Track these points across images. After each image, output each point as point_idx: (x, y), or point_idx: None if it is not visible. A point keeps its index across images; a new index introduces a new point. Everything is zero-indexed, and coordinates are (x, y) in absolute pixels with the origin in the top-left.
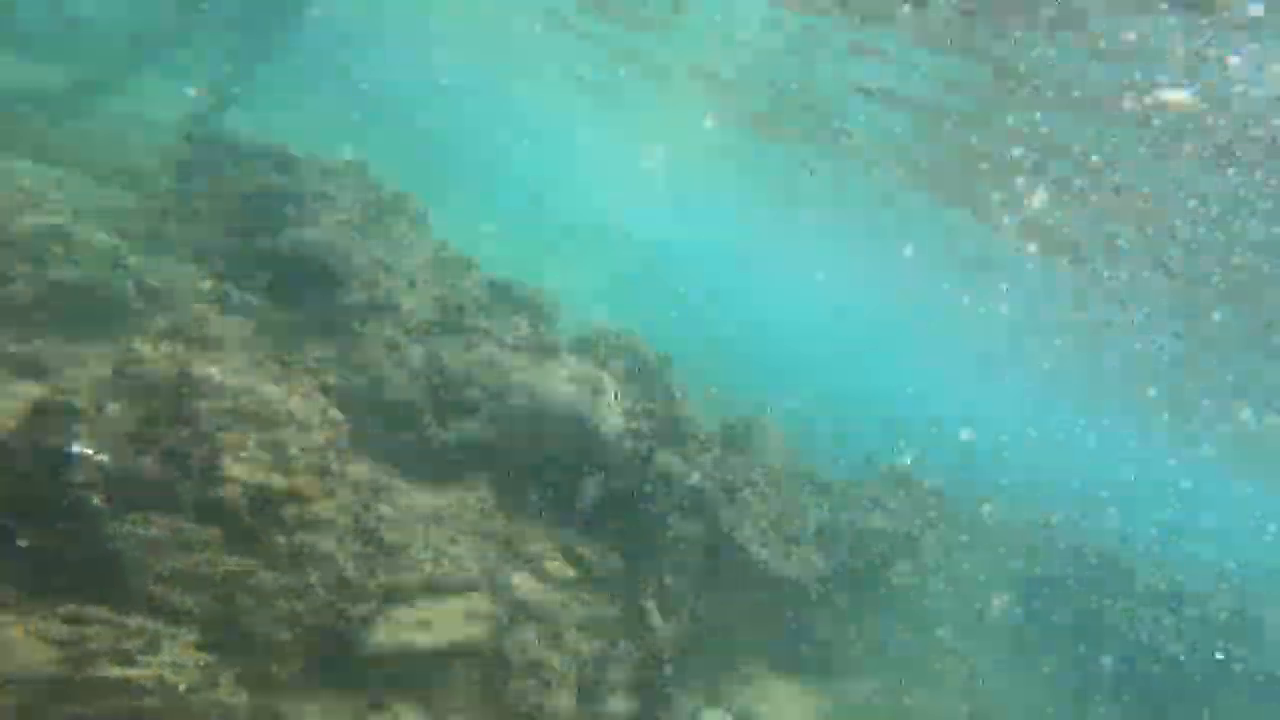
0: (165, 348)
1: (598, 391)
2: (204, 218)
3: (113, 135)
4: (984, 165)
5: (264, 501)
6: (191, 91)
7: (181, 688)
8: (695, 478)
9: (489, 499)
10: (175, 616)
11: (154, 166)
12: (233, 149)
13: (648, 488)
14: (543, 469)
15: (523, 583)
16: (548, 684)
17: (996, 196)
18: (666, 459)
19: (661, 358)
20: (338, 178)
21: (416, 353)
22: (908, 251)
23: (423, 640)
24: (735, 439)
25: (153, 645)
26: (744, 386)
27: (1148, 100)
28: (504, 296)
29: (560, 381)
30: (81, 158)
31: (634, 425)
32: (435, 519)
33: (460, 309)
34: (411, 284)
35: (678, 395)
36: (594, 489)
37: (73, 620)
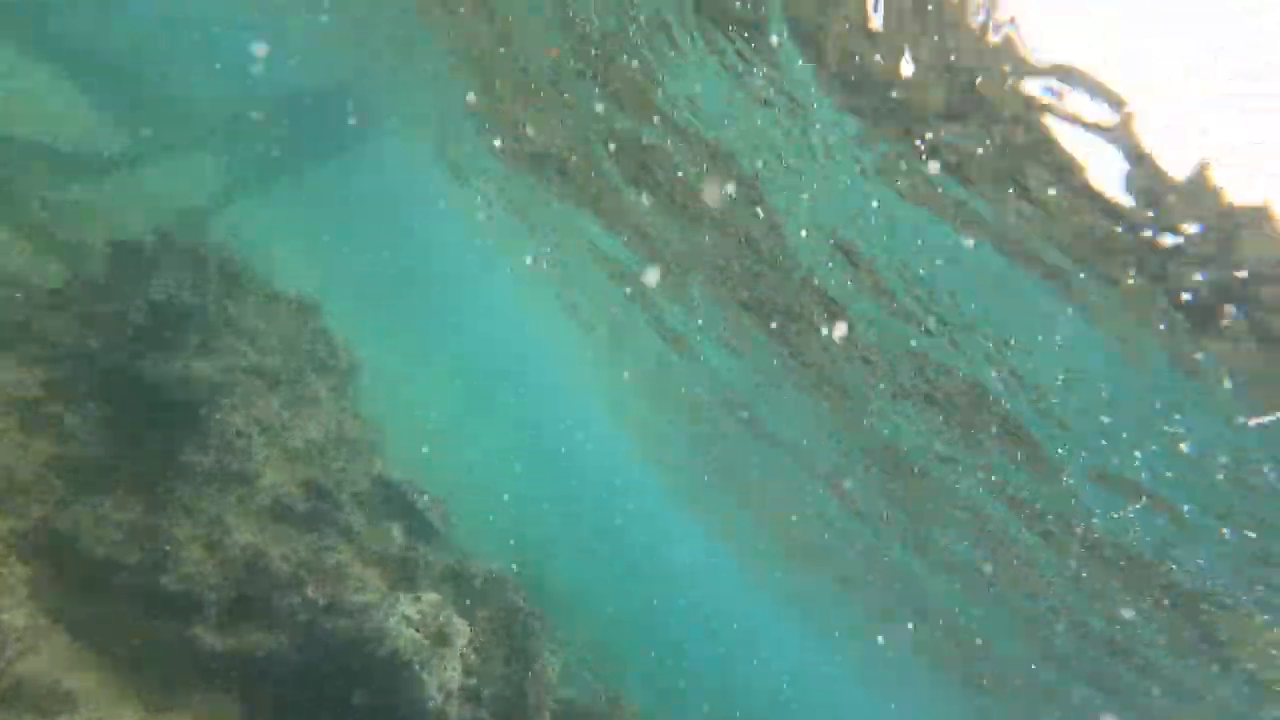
0: None
1: (441, 641)
2: (95, 319)
3: (104, 210)
4: None
5: None
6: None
7: None
8: None
9: None
10: None
11: (103, 249)
12: (188, 252)
13: None
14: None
15: None
16: None
17: None
18: None
19: (538, 616)
20: (275, 313)
21: (238, 539)
22: None
23: None
24: None
25: None
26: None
27: None
28: (393, 498)
29: (400, 618)
30: (42, 224)
31: (474, 686)
32: None
33: (328, 498)
34: (288, 457)
35: (539, 664)
36: None
37: None
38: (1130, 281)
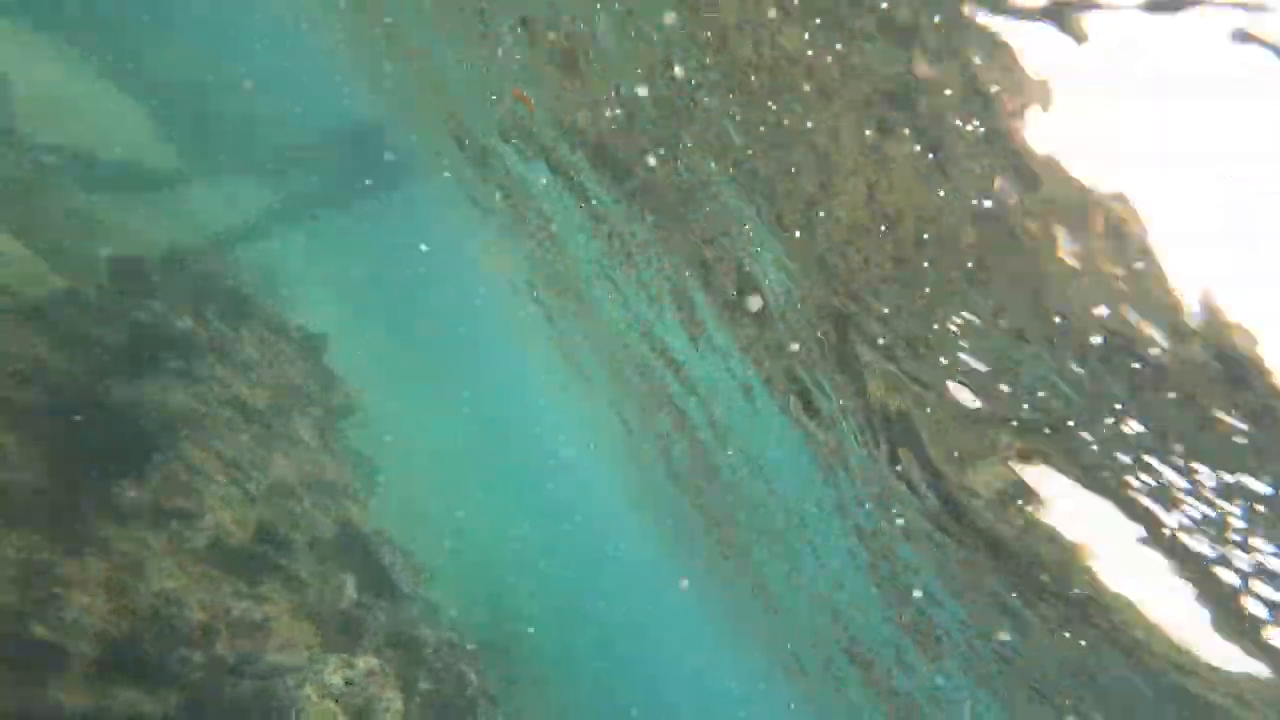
0: None
1: (364, 717)
2: (74, 337)
3: (134, 226)
4: None
5: None
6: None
7: None
8: None
9: None
10: None
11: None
12: (193, 274)
13: None
14: None
15: None
16: None
17: None
18: None
19: (486, 695)
20: (276, 347)
21: (152, 584)
22: None
23: None
24: None
25: None
26: None
27: None
28: (356, 550)
29: (319, 689)
30: (55, 235)
31: None
32: None
33: (278, 543)
34: (245, 497)
35: None
36: None
37: None
38: None
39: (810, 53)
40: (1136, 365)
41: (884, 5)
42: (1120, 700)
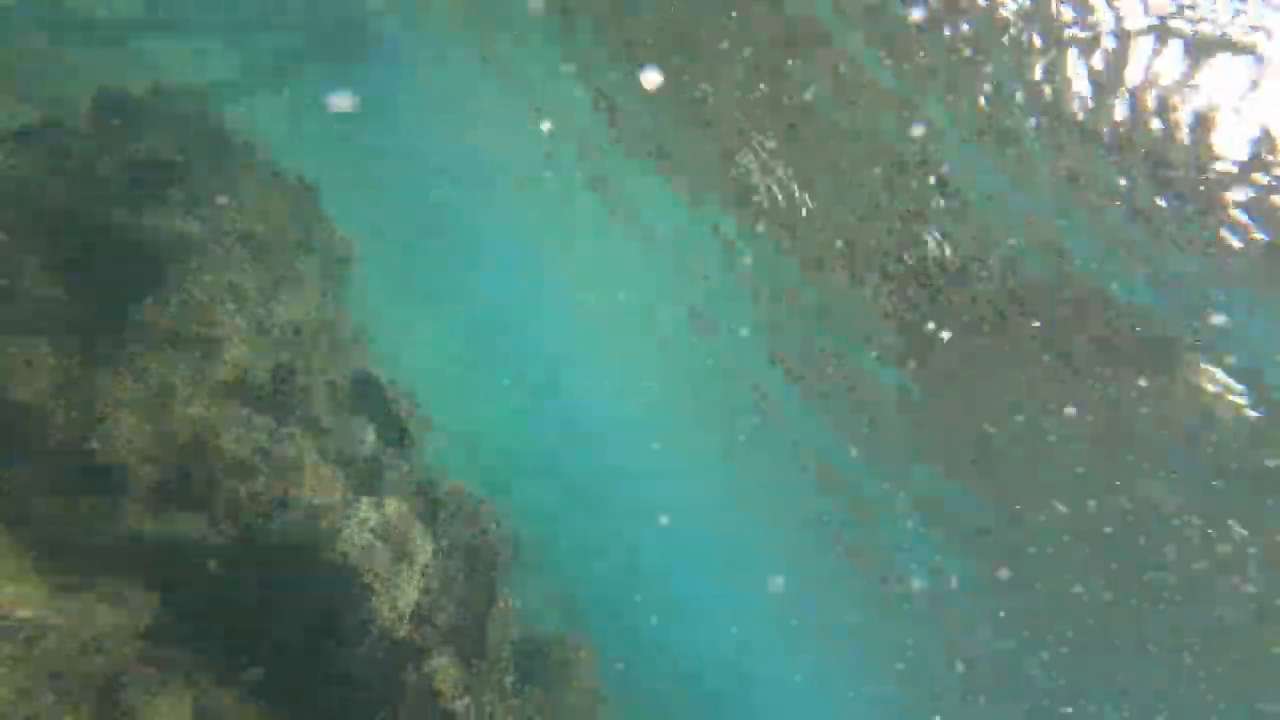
0: None
1: (401, 556)
2: (66, 167)
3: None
4: None
5: None
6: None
7: None
8: (460, 706)
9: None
10: None
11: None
12: (182, 112)
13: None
14: (265, 623)
15: None
16: None
17: None
18: (445, 668)
19: (505, 542)
20: (271, 190)
21: (188, 411)
22: None
23: None
24: (536, 671)
25: None
26: None
27: None
28: (371, 397)
29: (360, 525)
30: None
31: (429, 610)
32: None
33: (297, 385)
34: (260, 333)
35: (501, 599)
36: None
37: None
38: None
39: None
40: None
41: None
42: None
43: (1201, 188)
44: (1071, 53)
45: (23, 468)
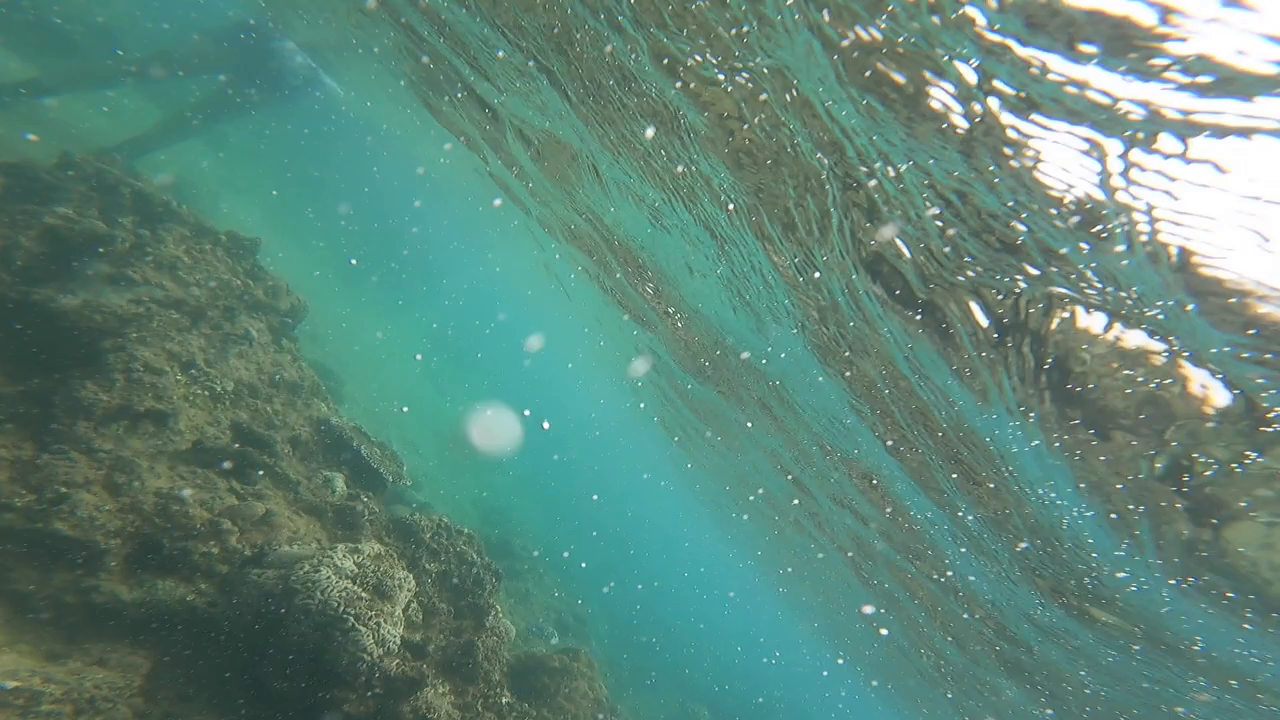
0: None
1: (381, 594)
2: None
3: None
4: None
5: None
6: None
7: None
8: None
9: (135, 683)
10: None
11: None
12: (97, 178)
13: None
14: (259, 671)
15: None
16: None
17: None
18: (439, 698)
19: (490, 570)
20: (203, 249)
21: (149, 484)
22: None
23: None
24: (535, 688)
25: None
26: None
27: None
28: (336, 445)
29: (333, 570)
30: None
31: (419, 641)
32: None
33: (259, 443)
34: (211, 398)
35: (491, 619)
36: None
37: None
38: None
39: None
40: None
41: None
42: None
43: None
44: None
45: None
